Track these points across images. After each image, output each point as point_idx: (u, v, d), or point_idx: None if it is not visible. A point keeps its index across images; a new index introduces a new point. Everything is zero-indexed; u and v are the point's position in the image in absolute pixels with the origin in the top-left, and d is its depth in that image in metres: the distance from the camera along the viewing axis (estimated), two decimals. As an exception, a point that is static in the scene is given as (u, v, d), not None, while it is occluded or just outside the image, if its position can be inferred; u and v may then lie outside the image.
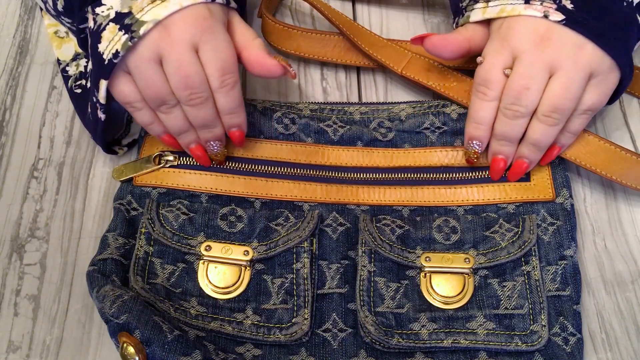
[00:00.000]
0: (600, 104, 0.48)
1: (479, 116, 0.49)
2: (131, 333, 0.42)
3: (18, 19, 0.63)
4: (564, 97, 0.46)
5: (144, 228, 0.49)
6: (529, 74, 0.46)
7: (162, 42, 0.45)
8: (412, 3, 0.64)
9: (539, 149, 0.49)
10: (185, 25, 0.45)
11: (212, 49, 0.46)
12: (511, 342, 0.45)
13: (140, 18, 0.45)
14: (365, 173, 0.53)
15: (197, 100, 0.47)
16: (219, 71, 0.47)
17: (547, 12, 0.46)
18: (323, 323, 0.48)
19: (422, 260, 0.48)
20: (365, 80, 0.61)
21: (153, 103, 0.48)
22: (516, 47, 0.47)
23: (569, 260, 0.48)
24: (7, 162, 0.56)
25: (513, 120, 0.48)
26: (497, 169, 0.51)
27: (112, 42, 0.45)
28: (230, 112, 0.49)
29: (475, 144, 0.50)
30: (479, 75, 0.49)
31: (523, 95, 0.47)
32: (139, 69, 0.46)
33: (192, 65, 0.46)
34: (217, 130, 0.50)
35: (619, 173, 0.51)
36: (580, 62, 0.46)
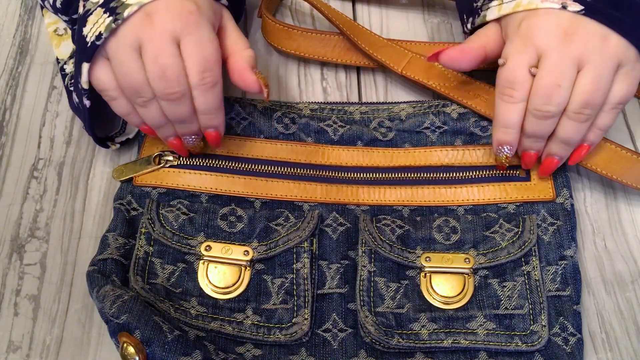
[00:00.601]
0: (629, 96, 0.46)
1: (507, 120, 0.47)
2: (131, 333, 0.42)
3: (18, 19, 0.63)
4: (594, 91, 0.45)
5: (144, 228, 0.49)
6: (559, 71, 0.45)
7: (143, 29, 0.44)
8: (412, 3, 0.64)
9: (570, 146, 0.48)
10: (169, 15, 0.44)
11: (194, 43, 0.45)
12: (511, 342, 0.45)
13: (126, 1, 0.44)
14: (366, 173, 0.53)
15: (173, 95, 0.45)
16: (199, 67, 0.45)
17: (564, 3, 0.45)
18: (323, 323, 0.48)
19: (422, 260, 0.48)
20: (365, 80, 0.61)
21: (128, 93, 0.46)
22: (541, 44, 0.45)
23: (569, 260, 0.48)
24: (7, 162, 0.56)
25: (542, 120, 0.46)
26: (530, 162, 0.50)
27: (96, 25, 0.44)
28: (207, 113, 0.47)
29: (506, 149, 0.49)
30: (503, 77, 0.47)
31: (554, 94, 0.45)
32: (117, 55, 0.45)
33: (171, 57, 0.44)
34: (193, 127, 0.48)
35: (619, 172, 0.51)
36: (607, 53, 0.44)
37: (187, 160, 0.52)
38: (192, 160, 0.52)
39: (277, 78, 0.61)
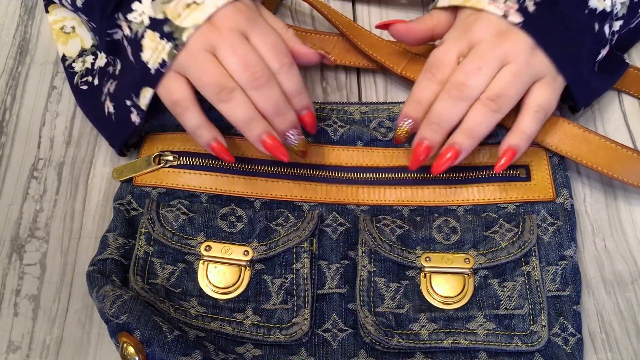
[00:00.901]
0: (550, 103, 0.48)
1: (422, 95, 0.49)
2: (131, 333, 0.42)
3: (18, 19, 0.63)
4: (511, 83, 0.46)
5: (143, 228, 0.49)
6: (484, 58, 0.47)
7: (212, 34, 0.45)
8: (412, 3, 0.64)
9: (473, 137, 0.47)
10: (230, 16, 0.46)
11: (260, 34, 0.47)
12: (511, 343, 0.45)
13: (180, 25, 0.45)
14: (365, 173, 0.53)
15: (261, 79, 0.45)
16: (275, 53, 0.47)
17: (507, 12, 0.47)
18: (323, 323, 0.48)
19: (422, 260, 0.48)
20: (365, 80, 0.61)
21: (211, 90, 0.45)
22: (475, 37, 0.48)
23: (569, 261, 0.48)
24: (7, 162, 0.56)
25: (454, 100, 0.47)
26: (418, 156, 0.48)
27: (157, 52, 0.46)
28: (297, 94, 0.48)
29: (408, 122, 0.49)
30: (434, 56, 0.49)
31: (474, 75, 0.47)
32: (191, 60, 0.45)
33: (247, 46, 0.46)
34: (291, 116, 0.47)
35: (620, 171, 0.51)
36: (531, 62, 0.47)
37: (187, 160, 0.52)
38: (192, 160, 0.52)
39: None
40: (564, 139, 0.51)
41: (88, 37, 0.58)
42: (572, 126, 0.52)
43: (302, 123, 0.49)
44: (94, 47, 0.58)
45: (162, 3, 0.46)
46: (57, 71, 0.60)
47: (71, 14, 0.59)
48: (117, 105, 0.51)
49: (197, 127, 0.47)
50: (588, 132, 0.51)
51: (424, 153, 0.48)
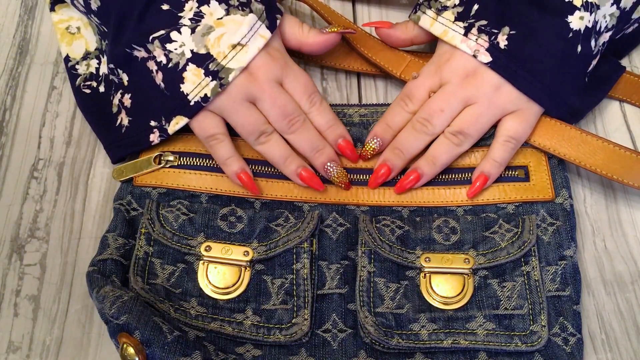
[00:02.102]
0: (519, 133, 0.51)
1: (393, 120, 0.53)
2: (131, 334, 0.42)
3: (18, 19, 0.63)
4: (470, 123, 0.50)
5: (143, 228, 0.49)
6: (447, 100, 0.50)
7: (252, 85, 0.49)
8: (412, 3, 0.64)
9: (435, 165, 0.51)
10: (268, 67, 0.50)
11: (293, 79, 0.51)
12: (511, 343, 0.45)
13: (226, 65, 0.49)
14: (365, 174, 0.53)
15: (297, 123, 0.50)
16: (305, 94, 0.51)
17: (477, 52, 0.50)
18: (323, 323, 0.48)
19: (422, 260, 0.48)
20: (365, 81, 0.60)
21: (251, 137, 0.50)
22: (445, 76, 0.51)
23: (569, 261, 0.48)
24: (7, 162, 0.56)
25: (418, 133, 0.51)
26: (379, 174, 0.51)
27: (200, 87, 0.49)
28: (329, 125, 0.52)
29: (377, 141, 0.52)
30: (408, 88, 0.53)
31: (435, 115, 0.50)
32: (233, 108, 0.49)
33: (284, 96, 0.50)
34: (328, 150, 0.52)
35: (619, 172, 0.51)
36: (494, 102, 0.50)
37: (188, 161, 0.52)
38: (192, 160, 0.52)
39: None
40: (562, 142, 0.51)
41: (93, 39, 0.58)
42: (569, 129, 0.52)
43: (341, 152, 0.52)
44: (98, 51, 0.58)
45: (202, 35, 0.49)
46: (57, 71, 0.60)
47: (77, 14, 0.59)
48: (137, 121, 0.52)
49: (227, 158, 0.51)
50: (586, 134, 0.51)
51: (384, 175, 0.52)
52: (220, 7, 0.49)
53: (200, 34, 0.49)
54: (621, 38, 0.56)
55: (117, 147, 0.53)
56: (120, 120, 0.53)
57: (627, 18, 0.53)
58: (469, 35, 0.51)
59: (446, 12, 0.52)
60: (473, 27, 0.51)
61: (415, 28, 0.55)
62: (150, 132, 0.51)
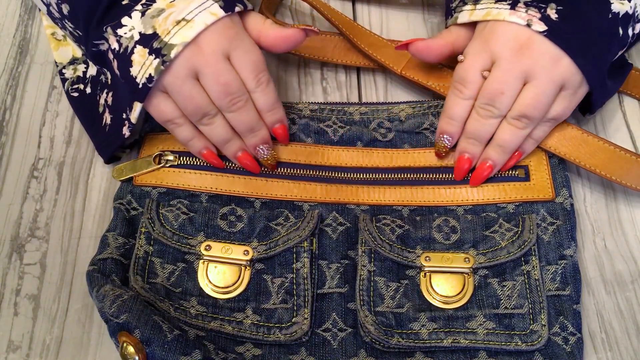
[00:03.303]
0: (565, 115, 0.50)
1: (453, 112, 0.51)
2: (131, 332, 0.42)
3: (18, 19, 0.63)
4: (533, 106, 0.48)
5: (143, 228, 0.49)
6: (505, 80, 0.48)
7: (196, 58, 0.47)
8: (412, 3, 0.65)
9: (505, 151, 0.50)
10: (215, 37, 0.47)
11: (242, 53, 0.48)
12: (511, 342, 0.45)
13: (169, 41, 0.46)
14: (365, 173, 0.53)
15: (239, 104, 0.48)
16: (253, 72, 0.49)
17: (530, 21, 0.47)
18: (323, 323, 0.48)
19: (422, 259, 0.48)
20: (365, 80, 0.61)
21: (194, 117, 0.49)
22: (496, 51, 0.48)
23: (569, 260, 0.48)
24: (7, 162, 0.56)
25: (485, 119, 0.49)
26: (462, 168, 0.51)
27: (144, 67, 0.46)
28: (270, 109, 0.50)
29: (445, 138, 0.51)
30: (458, 73, 0.50)
31: (497, 99, 0.48)
32: (176, 86, 0.47)
33: (229, 73, 0.48)
34: (263, 132, 0.51)
35: (618, 173, 0.51)
36: (554, 75, 0.47)
37: (188, 160, 0.52)
38: (192, 159, 0.53)
39: (277, 78, 0.61)
40: (562, 141, 0.52)
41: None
42: (570, 128, 0.52)
43: (274, 135, 0.52)
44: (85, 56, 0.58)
45: (152, 17, 0.47)
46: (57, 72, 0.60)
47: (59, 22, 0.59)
48: (115, 117, 0.52)
49: (189, 140, 0.50)
50: (587, 134, 0.51)
51: (466, 164, 0.51)
52: None
53: (150, 16, 0.47)
54: None
55: (105, 147, 0.53)
56: (105, 120, 0.53)
57: None
58: (516, 8, 0.48)
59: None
60: (518, 2, 0.48)
61: (453, 31, 0.52)
62: (123, 125, 0.50)
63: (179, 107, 0.49)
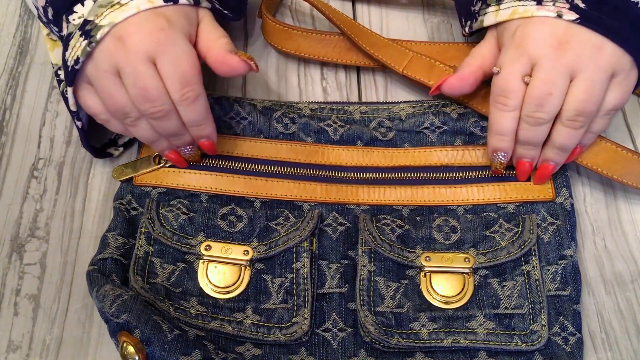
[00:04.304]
0: (623, 103, 0.47)
1: (502, 128, 0.48)
2: (131, 332, 0.42)
3: (18, 19, 0.63)
4: (587, 100, 0.45)
5: (143, 228, 0.49)
6: (551, 80, 0.45)
7: (118, 53, 0.44)
8: (412, 3, 0.64)
9: (565, 152, 0.48)
10: (141, 36, 0.44)
11: (169, 61, 0.45)
12: (511, 342, 0.45)
13: (99, 23, 0.44)
14: (365, 173, 0.53)
15: (158, 113, 0.46)
16: (179, 84, 0.45)
17: (560, 11, 0.45)
18: (323, 322, 0.48)
19: (422, 259, 0.48)
20: (365, 80, 0.61)
21: (117, 115, 0.47)
22: (534, 53, 0.46)
23: (569, 260, 0.48)
24: (7, 162, 0.56)
25: (536, 127, 0.47)
26: (524, 171, 0.50)
27: (74, 49, 0.45)
28: (195, 125, 0.48)
29: (500, 156, 0.50)
30: (497, 86, 0.48)
31: (545, 102, 0.45)
32: (97, 80, 0.45)
33: (149, 78, 0.44)
34: (186, 138, 0.49)
35: (620, 172, 0.51)
36: (601, 63, 0.45)
37: (187, 160, 0.52)
38: (192, 160, 0.53)
39: (277, 78, 0.61)
40: (564, 140, 0.51)
41: None
42: (571, 126, 0.52)
43: (200, 147, 0.50)
44: None
45: (99, 6, 0.45)
46: (57, 71, 0.60)
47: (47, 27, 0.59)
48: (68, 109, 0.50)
49: (123, 132, 0.50)
50: (588, 133, 0.51)
51: (527, 167, 0.50)
52: None
53: (98, 5, 0.45)
54: None
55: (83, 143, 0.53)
56: None
57: None
58: (543, 3, 0.45)
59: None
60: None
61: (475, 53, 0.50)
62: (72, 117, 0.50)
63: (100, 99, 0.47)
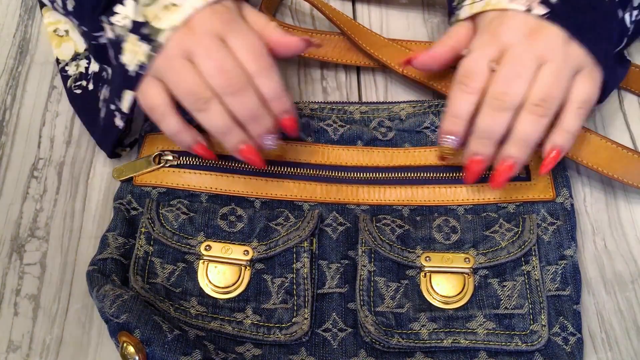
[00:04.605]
0: (592, 97, 0.47)
1: (458, 110, 0.47)
2: (131, 332, 0.42)
3: (18, 19, 0.63)
4: (554, 84, 0.45)
5: (144, 228, 0.49)
6: (521, 63, 0.45)
7: (187, 38, 0.45)
8: (412, 3, 0.64)
9: (527, 145, 0.46)
10: (207, 19, 0.45)
11: (239, 36, 0.45)
12: (511, 342, 0.45)
13: (157, 26, 0.45)
14: (365, 172, 0.53)
15: (236, 85, 0.44)
16: (253, 55, 0.45)
17: (530, 5, 0.46)
18: (323, 323, 0.48)
19: (422, 260, 0.48)
20: (365, 80, 0.61)
21: (188, 100, 0.45)
22: (506, 40, 0.46)
23: (569, 260, 0.48)
24: (7, 162, 0.56)
25: (498, 112, 0.45)
26: (475, 171, 0.48)
27: (135, 54, 0.45)
28: (276, 97, 0.46)
29: (450, 139, 0.48)
30: (463, 67, 0.47)
31: (514, 83, 0.45)
32: (167, 66, 0.45)
33: (223, 51, 0.45)
34: (267, 121, 0.46)
35: (620, 171, 0.51)
36: (568, 54, 0.46)
37: (187, 160, 0.52)
38: (192, 159, 0.52)
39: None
40: (563, 140, 0.51)
41: (82, 41, 0.58)
42: (572, 126, 0.52)
43: (282, 127, 0.48)
44: (87, 51, 0.58)
45: (144, 6, 0.46)
46: (57, 71, 0.60)
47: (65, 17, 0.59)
48: (106, 109, 0.51)
49: (175, 133, 0.48)
50: (589, 133, 0.51)
51: (479, 167, 0.48)
52: None
53: (143, 4, 0.45)
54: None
55: (101, 142, 0.53)
56: (101, 114, 0.53)
57: None
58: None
59: None
60: None
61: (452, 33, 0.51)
62: (114, 117, 0.50)
63: (169, 92, 0.46)
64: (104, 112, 0.51)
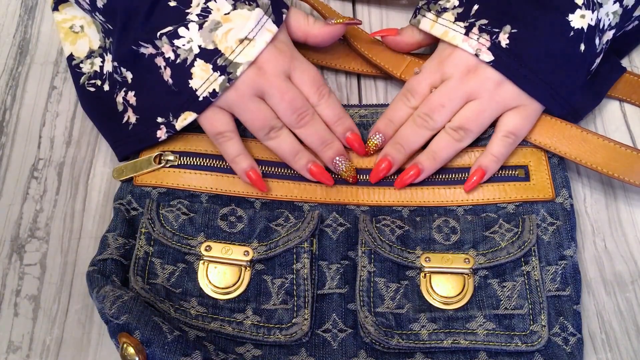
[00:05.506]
0: (519, 129, 0.51)
1: (395, 116, 0.53)
2: (131, 333, 0.42)
3: (18, 19, 0.63)
4: (471, 119, 0.50)
5: (144, 228, 0.49)
6: (448, 95, 0.51)
7: (260, 80, 0.49)
8: (412, 3, 0.64)
9: (436, 159, 0.51)
10: (276, 60, 0.50)
11: (301, 72, 0.51)
12: (511, 343, 0.45)
13: (234, 60, 0.49)
14: (365, 174, 0.53)
15: (306, 117, 0.50)
16: (314, 86, 0.51)
17: (478, 51, 0.50)
18: (323, 323, 0.48)
19: (422, 260, 0.48)
20: (365, 82, 0.60)
21: (262, 131, 0.50)
22: (447, 72, 0.51)
23: (569, 260, 0.48)
24: (7, 162, 0.56)
25: (419, 128, 0.51)
26: (380, 170, 0.52)
27: (208, 82, 0.49)
28: (337, 118, 0.52)
29: (379, 137, 0.52)
30: (410, 84, 0.54)
31: (437, 110, 0.51)
32: (243, 104, 0.50)
33: (293, 90, 0.50)
34: (336, 144, 0.52)
35: (620, 170, 0.51)
36: (495, 98, 0.50)
37: (188, 160, 0.52)
38: (192, 160, 0.52)
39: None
40: (562, 140, 0.51)
41: (96, 38, 0.58)
42: (570, 127, 0.52)
43: (349, 145, 0.53)
44: (101, 49, 0.58)
45: (210, 31, 0.49)
46: (57, 71, 0.60)
47: (81, 13, 0.59)
48: (144, 119, 0.52)
49: (236, 156, 0.51)
50: (586, 133, 0.51)
51: (385, 169, 0.52)
52: (227, 2, 0.49)
53: (208, 30, 0.49)
54: (621, 36, 0.56)
55: (124, 145, 0.53)
56: (127, 118, 0.53)
57: (630, 16, 0.53)
58: (470, 34, 0.51)
59: (446, 13, 0.52)
60: (474, 26, 0.51)
61: (421, 34, 0.55)
62: (157, 129, 0.51)
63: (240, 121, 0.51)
64: (140, 120, 0.52)
